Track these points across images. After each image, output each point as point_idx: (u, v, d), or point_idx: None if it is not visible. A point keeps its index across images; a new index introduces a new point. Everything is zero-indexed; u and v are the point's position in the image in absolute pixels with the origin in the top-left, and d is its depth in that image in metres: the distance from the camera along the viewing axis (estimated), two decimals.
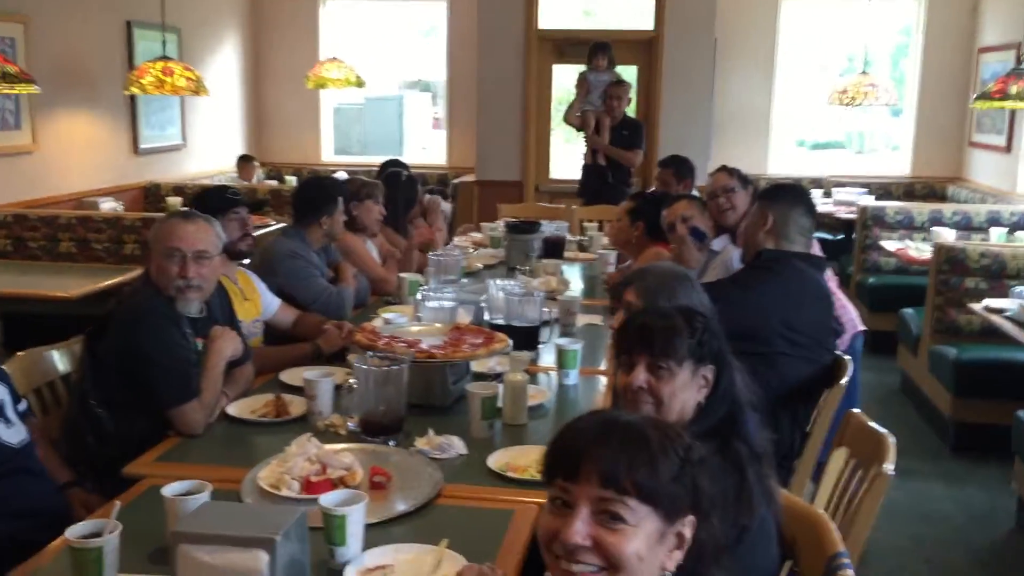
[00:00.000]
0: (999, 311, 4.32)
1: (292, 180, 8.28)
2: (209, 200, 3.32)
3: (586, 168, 6.77)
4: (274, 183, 8.07)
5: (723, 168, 3.79)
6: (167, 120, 7.48)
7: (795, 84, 9.05)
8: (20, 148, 5.83)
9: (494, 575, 1.59)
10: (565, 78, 7.79)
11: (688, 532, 1.24)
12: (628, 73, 8.16)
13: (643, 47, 7.62)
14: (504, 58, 7.54)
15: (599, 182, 6.61)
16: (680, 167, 5.16)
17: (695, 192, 5.19)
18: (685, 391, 1.86)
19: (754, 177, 5.90)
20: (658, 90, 7.52)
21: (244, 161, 8.10)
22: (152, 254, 2.60)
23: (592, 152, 6.69)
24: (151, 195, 7.20)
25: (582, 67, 6.86)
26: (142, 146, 7.11)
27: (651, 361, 1.87)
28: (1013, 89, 5.38)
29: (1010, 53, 7.13)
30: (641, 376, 1.87)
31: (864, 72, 7.47)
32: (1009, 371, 4.56)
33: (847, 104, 7.45)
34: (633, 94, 6.93)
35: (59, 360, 2.76)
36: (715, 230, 3.61)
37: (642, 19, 7.74)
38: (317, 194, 3.80)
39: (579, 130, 6.84)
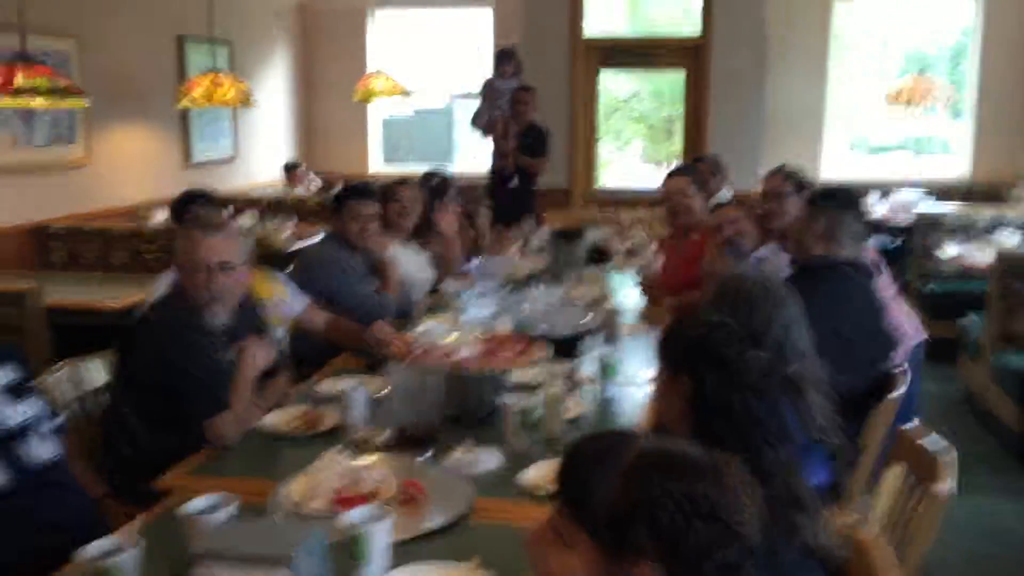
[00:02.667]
0: None
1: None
2: (174, 208, 3.38)
3: (493, 174, 6.81)
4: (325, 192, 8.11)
5: (779, 170, 3.68)
6: (218, 132, 7.55)
7: (850, 85, 8.85)
8: (74, 162, 5.92)
9: None
10: (614, 86, 7.72)
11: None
12: (676, 78, 8.07)
13: (691, 52, 7.51)
14: (550, 66, 7.49)
15: (505, 188, 6.65)
16: (693, 172, 4.96)
17: (726, 191, 5.08)
18: (665, 398, 1.85)
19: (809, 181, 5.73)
20: (706, 95, 7.40)
21: (290, 169, 8.15)
22: (177, 267, 2.59)
23: (500, 158, 6.72)
24: None
25: (630, 72, 6.81)
26: (194, 159, 7.19)
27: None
28: None
29: None
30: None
31: (921, 72, 7.26)
32: None
33: (904, 105, 7.26)
34: (680, 98, 6.84)
35: (97, 370, 2.76)
36: (763, 234, 3.49)
37: (689, 24, 7.64)
38: (334, 198, 3.83)
39: (486, 136, 6.88)
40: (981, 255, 5.65)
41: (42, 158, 5.66)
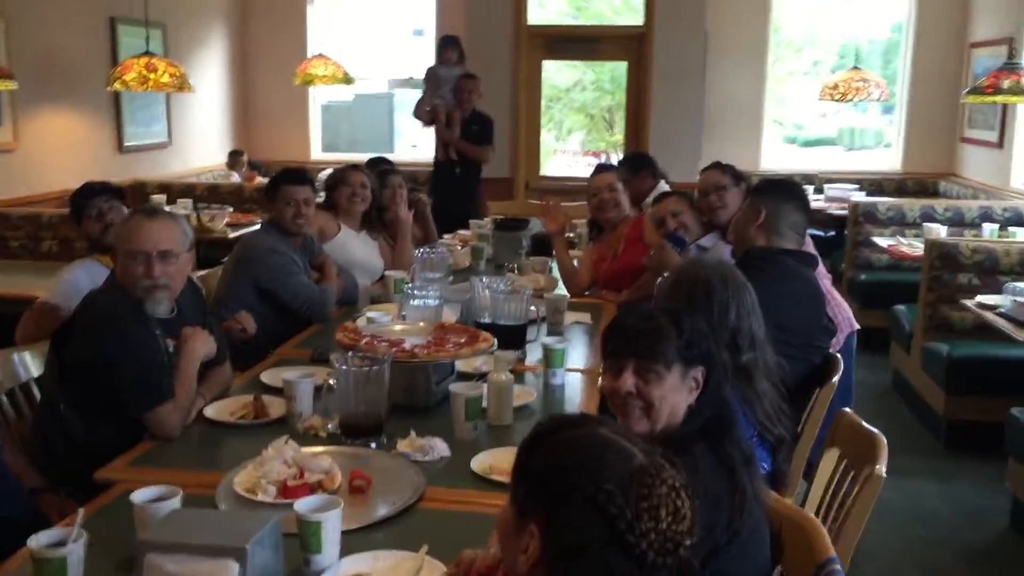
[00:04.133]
0: (992, 307, 4.27)
1: None
2: (71, 205, 3.39)
3: (437, 163, 6.75)
4: (265, 180, 7.99)
5: (716, 164, 3.73)
6: (152, 117, 7.39)
7: (787, 80, 9.02)
8: (1, 146, 5.74)
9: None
10: (556, 75, 7.75)
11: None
12: (618, 69, 8.13)
13: (633, 42, 7.56)
14: (494, 55, 7.48)
15: (449, 177, 6.60)
16: (635, 163, 5.00)
17: (664, 185, 5.12)
18: (675, 394, 1.81)
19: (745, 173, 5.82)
20: (649, 86, 7.47)
21: (233, 156, 8.04)
22: (116, 255, 2.53)
23: (443, 147, 6.65)
24: (136, 193, 7.09)
25: (575, 63, 6.82)
26: (127, 143, 7.03)
27: (638, 365, 1.82)
28: (1005, 83, 5.36)
29: (1002, 48, 7.08)
30: (629, 381, 1.82)
31: (856, 68, 7.43)
32: (1002, 368, 4.52)
33: (838, 100, 7.41)
34: (623, 89, 6.88)
35: (30, 363, 2.69)
36: (705, 227, 3.55)
37: (632, 14, 7.70)
38: (268, 184, 3.81)
39: (428, 125, 6.81)
40: (912, 247, 5.81)
41: None
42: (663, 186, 4.76)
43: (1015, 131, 6.99)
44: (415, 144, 12.39)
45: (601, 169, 4.13)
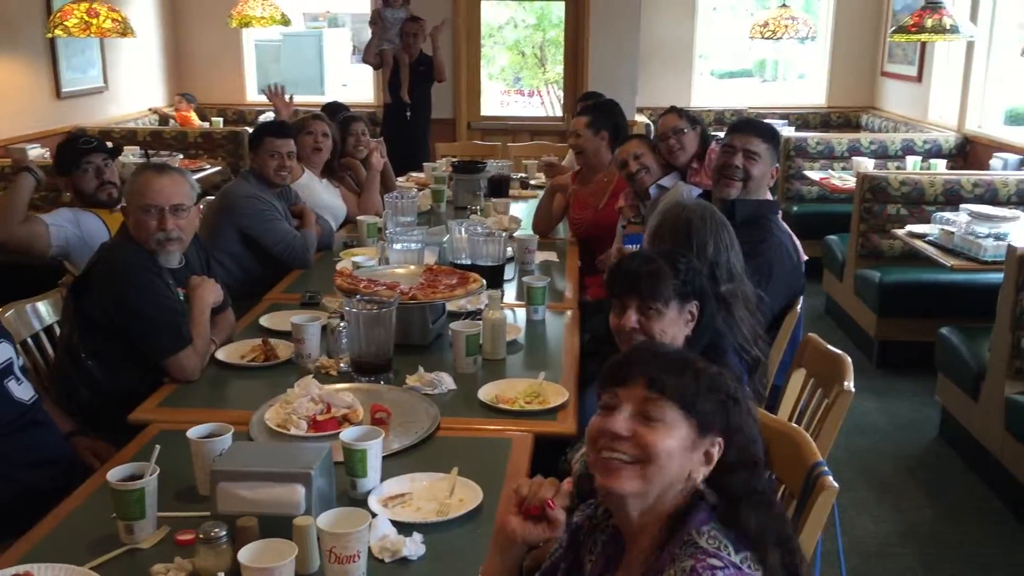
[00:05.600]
0: (921, 236, 4.62)
1: (218, 121, 8.16)
2: (60, 155, 3.40)
3: (386, 107, 6.76)
4: (205, 124, 7.94)
5: (672, 109, 3.92)
6: (87, 63, 7.26)
7: (716, 18, 9.23)
8: None
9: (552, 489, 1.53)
10: (493, 15, 7.81)
11: (716, 452, 1.37)
12: (556, 9, 8.23)
13: None
14: None
15: (399, 120, 6.64)
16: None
17: None
18: (673, 327, 2.04)
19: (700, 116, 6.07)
20: (586, 26, 7.60)
21: (179, 98, 7.93)
22: (128, 209, 2.63)
23: (391, 90, 6.67)
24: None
25: (512, 4, 6.88)
26: (64, 89, 6.91)
27: (640, 303, 2.05)
28: (928, 22, 5.65)
29: None
30: (632, 318, 2.05)
31: (784, 5, 7.67)
32: (930, 291, 4.89)
33: (768, 37, 7.66)
34: (555, 27, 6.97)
35: (45, 312, 2.79)
36: (664, 168, 3.75)
37: None
38: (252, 135, 3.90)
39: (377, 68, 6.85)
40: (843, 179, 6.13)
41: None
42: None
43: (933, 66, 7.34)
44: (345, 83, 12.32)
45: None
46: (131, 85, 7.93)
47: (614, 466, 1.36)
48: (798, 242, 3.13)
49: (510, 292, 3.42)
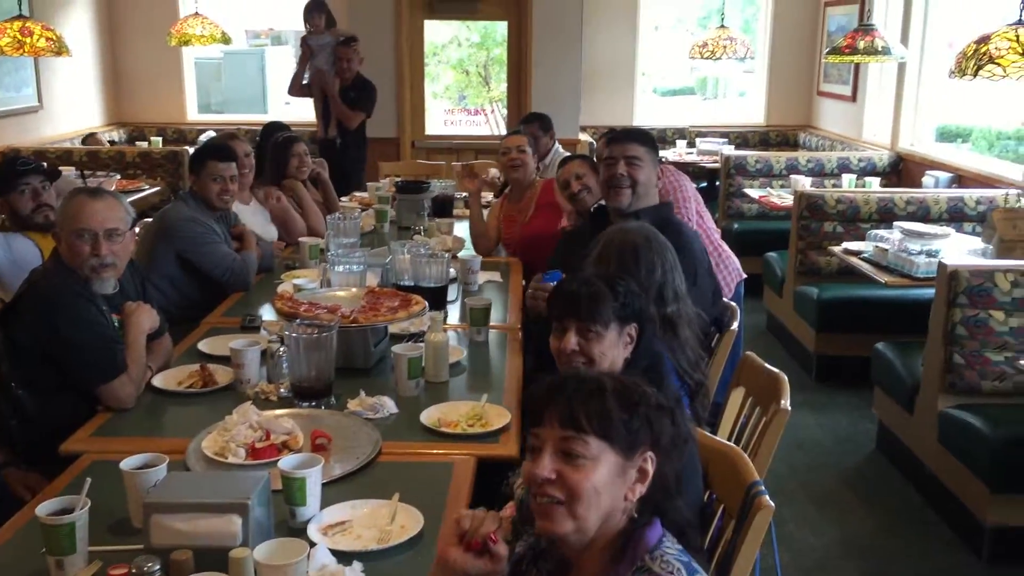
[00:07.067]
0: (856, 253, 4.72)
1: (157, 141, 8.04)
2: (4, 168, 3.35)
3: (319, 141, 6.50)
4: (144, 145, 7.81)
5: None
6: (21, 81, 7.10)
7: (657, 37, 9.36)
8: None
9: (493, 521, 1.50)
10: (436, 34, 7.82)
11: (650, 467, 1.39)
12: (500, 28, 8.27)
13: (513, 2, 7.71)
14: (374, 13, 7.50)
15: (331, 150, 6.34)
16: (544, 121, 5.36)
17: (559, 146, 5.42)
18: (613, 349, 2.05)
19: (622, 128, 6.13)
20: (529, 45, 7.65)
21: (89, 138, 7.70)
22: (61, 234, 2.57)
23: (322, 123, 6.45)
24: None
25: (455, 23, 6.86)
26: None
27: (580, 325, 2.06)
28: (861, 44, 5.79)
29: (854, 7, 7.59)
30: (572, 340, 2.05)
31: (722, 26, 7.81)
32: (866, 307, 5.00)
33: (707, 57, 7.78)
34: (499, 45, 6.95)
35: None
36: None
37: None
38: (193, 157, 3.86)
39: (303, 97, 6.65)
40: (782, 197, 6.24)
41: None
42: (559, 146, 5.05)
43: (867, 85, 7.52)
44: (288, 102, 12.21)
45: (515, 132, 4.31)
46: (67, 104, 7.77)
47: (546, 510, 1.37)
48: (729, 255, 3.19)
49: (453, 313, 3.41)
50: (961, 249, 4.51)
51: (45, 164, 3.51)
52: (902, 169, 6.86)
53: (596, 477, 1.35)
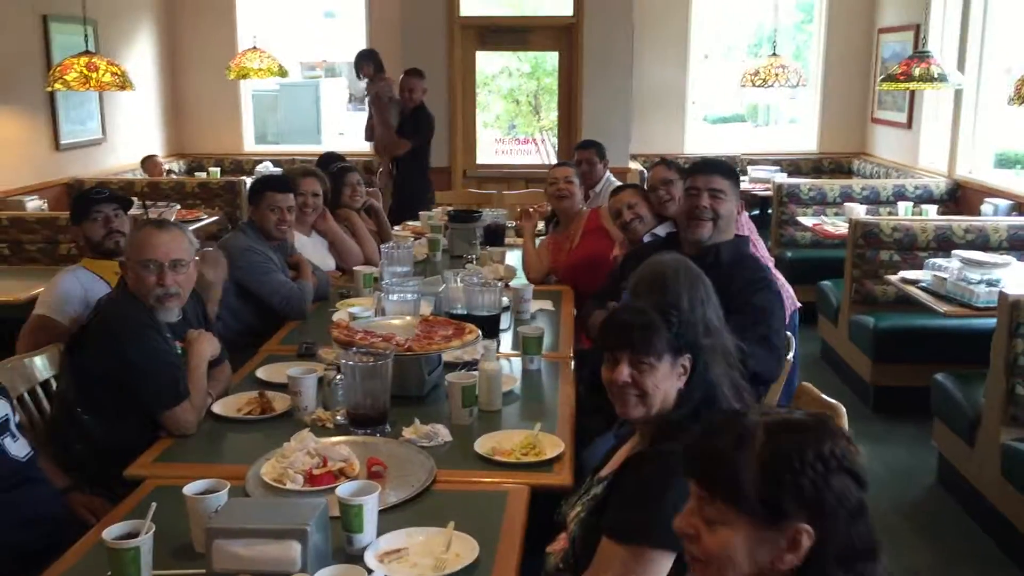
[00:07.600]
0: (914, 282, 4.65)
1: (216, 172, 8.22)
2: (73, 205, 3.43)
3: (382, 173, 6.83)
4: (202, 175, 7.99)
5: (661, 161, 4.02)
6: (86, 115, 7.33)
7: (707, 66, 9.37)
8: None
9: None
10: (488, 65, 7.92)
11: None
12: (550, 58, 8.34)
13: (563, 33, 7.79)
14: (427, 45, 7.63)
15: (394, 182, 6.69)
16: (599, 148, 5.38)
17: (610, 174, 5.43)
18: (666, 381, 2.03)
19: (672, 156, 6.19)
20: (579, 75, 7.71)
21: (148, 160, 7.91)
22: (127, 264, 2.65)
23: (382, 153, 6.79)
24: (74, 191, 7.05)
25: (506, 54, 6.96)
26: (63, 141, 6.97)
27: (633, 357, 2.04)
28: (916, 71, 5.73)
29: (908, 34, 7.54)
30: (625, 372, 2.03)
31: (774, 54, 7.78)
32: (925, 337, 4.91)
33: (759, 85, 7.75)
34: (549, 75, 7.05)
35: (41, 366, 2.79)
36: (657, 219, 3.79)
37: (561, 5, 7.92)
38: (252, 188, 3.93)
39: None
40: (836, 225, 6.18)
41: None
42: (610, 174, 5.08)
43: (922, 113, 7.44)
44: (342, 132, 12.44)
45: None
46: (129, 136, 8.00)
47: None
48: (783, 284, 3.18)
49: (506, 342, 3.43)
50: (1023, 278, 4.42)
51: (120, 193, 3.61)
52: (959, 196, 6.75)
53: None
